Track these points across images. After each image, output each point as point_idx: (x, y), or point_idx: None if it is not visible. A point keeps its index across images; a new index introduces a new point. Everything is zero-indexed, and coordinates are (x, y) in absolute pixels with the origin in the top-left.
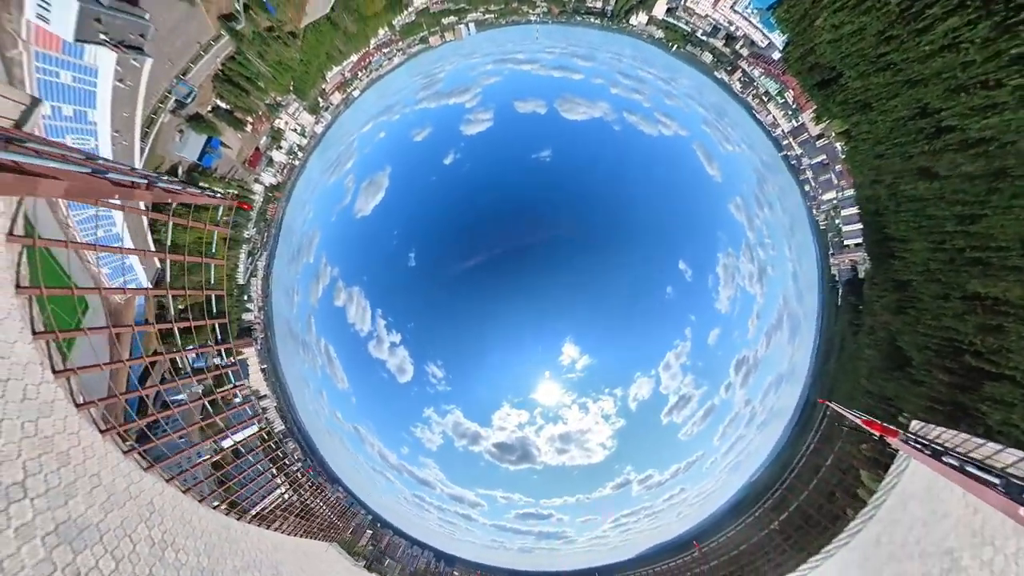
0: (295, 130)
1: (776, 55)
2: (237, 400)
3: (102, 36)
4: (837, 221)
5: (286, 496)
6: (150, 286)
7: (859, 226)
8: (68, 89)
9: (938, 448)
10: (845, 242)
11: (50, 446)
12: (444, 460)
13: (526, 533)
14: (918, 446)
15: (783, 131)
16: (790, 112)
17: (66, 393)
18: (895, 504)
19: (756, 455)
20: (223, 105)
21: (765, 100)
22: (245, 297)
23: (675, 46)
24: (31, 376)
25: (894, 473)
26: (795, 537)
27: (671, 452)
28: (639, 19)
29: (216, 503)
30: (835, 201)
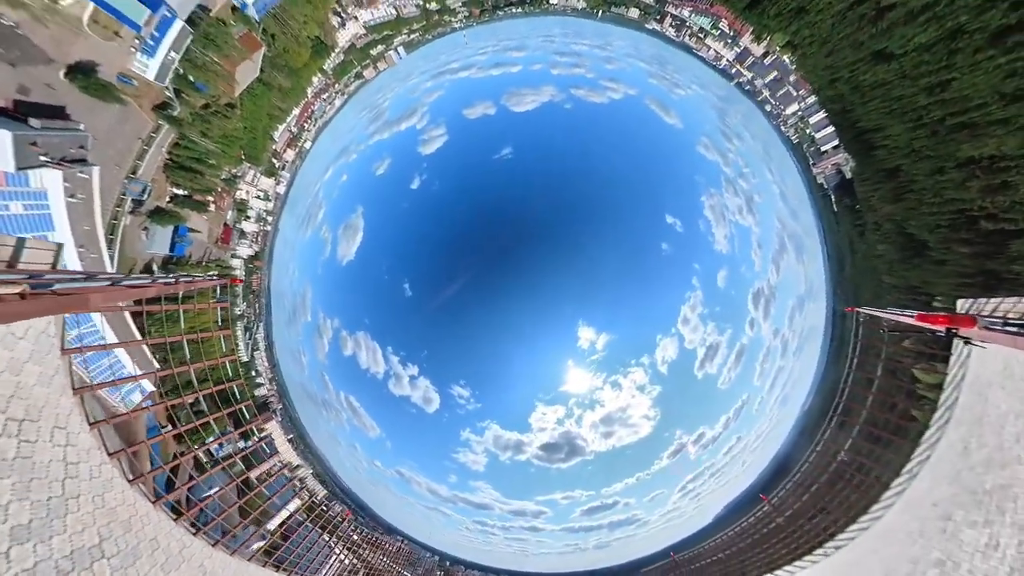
0: (258, 196)
1: None
2: (271, 479)
3: (43, 158)
4: (808, 131)
5: (345, 560)
6: (156, 390)
7: (831, 128)
8: (22, 219)
9: (1010, 321)
10: (822, 148)
11: (115, 515)
12: (494, 478)
13: (597, 527)
14: (994, 327)
15: (728, 61)
16: (729, 41)
17: (120, 472)
18: (972, 400)
19: (801, 382)
20: (180, 192)
21: (702, 37)
22: (253, 373)
23: (599, 11)
24: (93, 459)
25: (955, 364)
26: (867, 463)
27: (716, 404)
28: None
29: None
30: (800, 112)
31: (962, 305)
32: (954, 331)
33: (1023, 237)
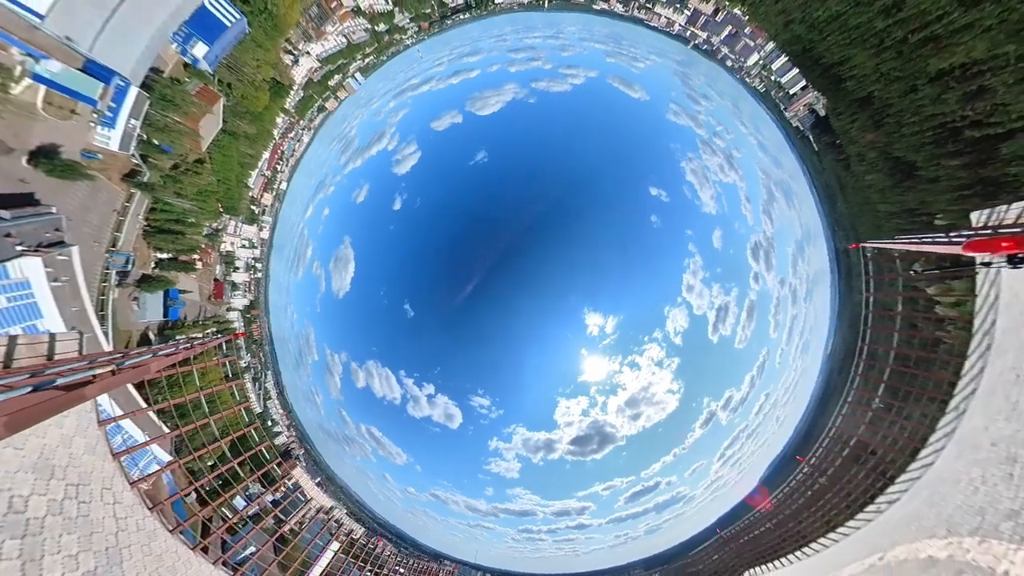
0: (243, 246)
1: None
2: (307, 527)
3: (19, 248)
4: (773, 77)
5: None
6: (174, 459)
7: (795, 71)
8: (8, 312)
9: None
10: (790, 92)
11: (162, 561)
12: (531, 482)
13: (644, 512)
14: None
15: (681, 25)
16: (678, 5)
17: (161, 523)
18: (1014, 323)
19: (818, 327)
20: (164, 256)
21: (650, 7)
22: (269, 423)
23: (545, 2)
24: (137, 513)
25: (985, 284)
26: (904, 405)
27: (737, 365)
28: None
29: None
30: (761, 61)
31: (977, 217)
32: (1015, 256)
33: (1012, 137)
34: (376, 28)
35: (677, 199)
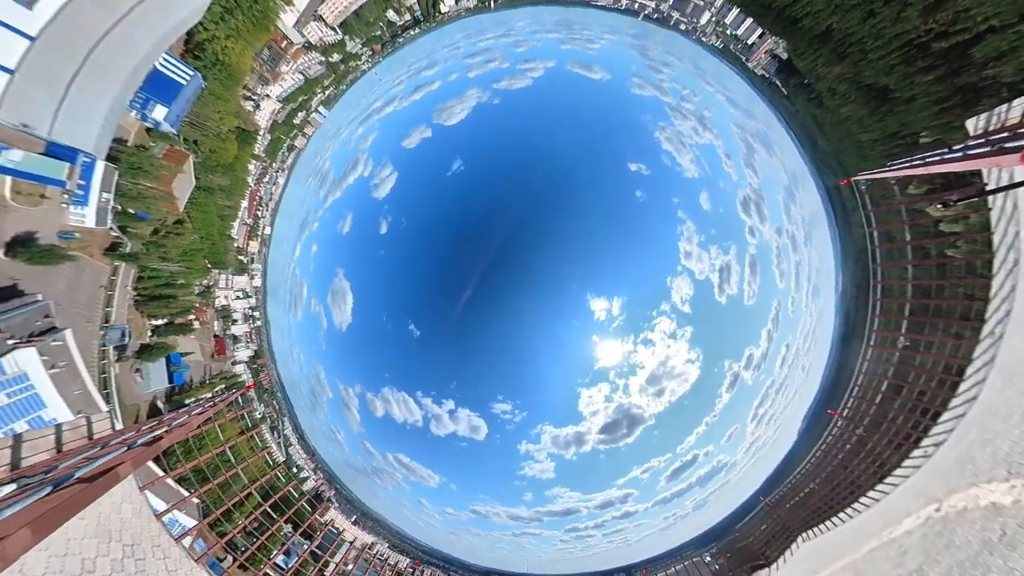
0: (238, 297)
1: None
2: (352, 569)
3: (10, 342)
4: (728, 31)
5: None
6: (199, 523)
7: (749, 20)
8: (9, 408)
9: None
10: (749, 42)
11: None
12: (568, 479)
13: (688, 488)
14: None
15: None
16: None
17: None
18: None
19: (824, 268)
20: (160, 322)
21: None
22: (294, 470)
23: (490, 2)
24: (185, 566)
25: (999, 196)
26: (935, 338)
27: (750, 321)
28: (448, 3)
29: None
30: (713, 18)
31: (975, 124)
32: None
33: (981, 40)
34: (330, 59)
35: (658, 170)
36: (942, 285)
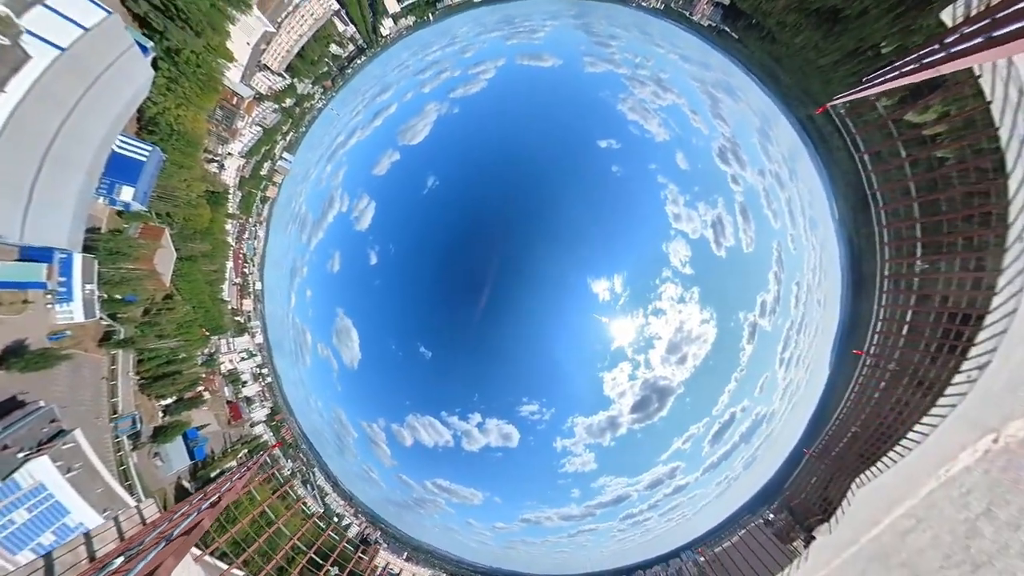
0: (242, 359)
1: None
2: None
3: (20, 455)
4: None
5: None
6: None
7: None
8: (32, 523)
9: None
10: None
11: None
12: (611, 465)
13: (734, 448)
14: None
15: None
16: None
17: None
18: None
19: (816, 199)
20: (169, 401)
21: None
22: (335, 519)
23: (430, 15)
24: None
25: (998, 84)
26: (955, 255)
27: (755, 267)
28: (388, 25)
29: None
30: None
31: (953, 14)
32: None
33: None
34: (284, 105)
35: (628, 141)
36: (952, 197)
